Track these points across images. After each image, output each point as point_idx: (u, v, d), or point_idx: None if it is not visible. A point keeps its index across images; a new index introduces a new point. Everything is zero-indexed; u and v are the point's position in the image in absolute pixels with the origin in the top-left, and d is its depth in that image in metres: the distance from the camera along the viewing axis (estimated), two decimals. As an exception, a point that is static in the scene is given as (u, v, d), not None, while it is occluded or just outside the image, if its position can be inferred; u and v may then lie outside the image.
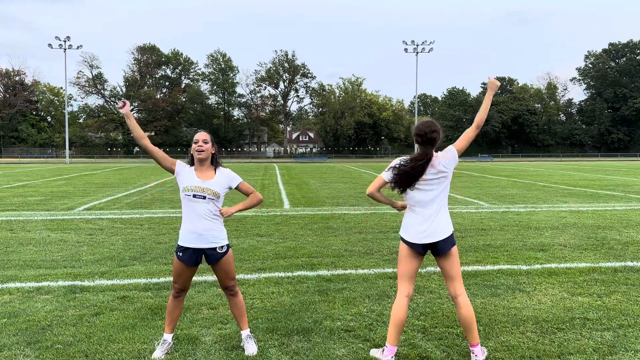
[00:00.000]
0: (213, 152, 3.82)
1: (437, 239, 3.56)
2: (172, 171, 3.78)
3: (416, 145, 3.64)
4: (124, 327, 4.34)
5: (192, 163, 3.84)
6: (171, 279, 5.83)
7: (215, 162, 3.84)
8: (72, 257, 7.04)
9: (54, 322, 4.47)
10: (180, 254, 3.74)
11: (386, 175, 3.69)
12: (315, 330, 4.28)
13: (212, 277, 5.79)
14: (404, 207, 3.81)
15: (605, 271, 6.19)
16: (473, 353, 3.58)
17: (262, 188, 19.14)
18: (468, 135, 3.68)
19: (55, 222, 10.28)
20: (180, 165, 3.82)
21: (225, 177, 3.81)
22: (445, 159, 3.59)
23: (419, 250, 3.61)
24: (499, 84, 3.87)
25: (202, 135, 3.78)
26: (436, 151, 3.60)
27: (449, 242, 3.58)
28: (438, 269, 6.10)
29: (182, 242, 3.76)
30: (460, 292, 3.61)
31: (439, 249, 3.59)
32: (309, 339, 4.11)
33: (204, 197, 3.69)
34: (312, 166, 46.79)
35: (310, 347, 3.93)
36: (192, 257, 3.74)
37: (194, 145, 3.76)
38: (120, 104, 3.76)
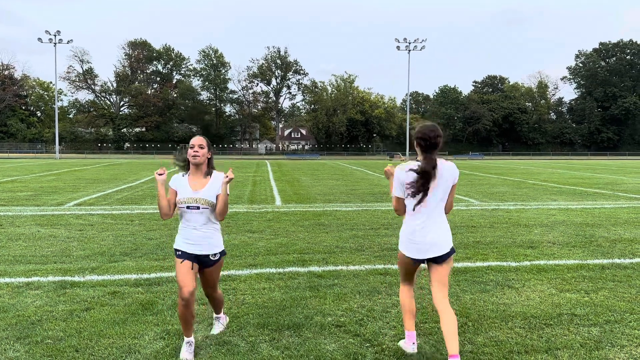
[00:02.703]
0: (209, 156, 3.80)
1: (438, 253, 3.53)
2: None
3: (418, 149, 3.55)
4: (114, 322, 4.33)
5: (187, 167, 3.81)
6: (162, 274, 5.85)
7: (210, 167, 3.83)
8: (62, 253, 7.01)
9: (44, 317, 4.46)
10: (179, 252, 3.77)
11: (397, 191, 3.61)
12: (306, 325, 4.30)
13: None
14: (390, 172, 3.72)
15: (593, 268, 6.27)
16: None
17: (253, 185, 19.13)
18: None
19: (45, 217, 10.22)
20: (175, 182, 3.78)
21: (217, 182, 3.77)
22: (451, 174, 3.53)
23: (419, 261, 3.63)
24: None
25: (197, 140, 3.76)
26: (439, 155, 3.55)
27: (450, 252, 3.57)
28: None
29: (178, 246, 3.78)
30: (445, 300, 3.53)
31: (438, 260, 3.56)
32: (299, 334, 4.13)
33: (198, 208, 3.69)
34: (304, 163, 46.80)
35: (301, 342, 3.95)
36: (190, 257, 3.74)
37: (189, 150, 3.74)
38: (161, 170, 3.75)
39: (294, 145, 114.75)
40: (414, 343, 3.74)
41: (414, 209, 3.54)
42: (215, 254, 3.78)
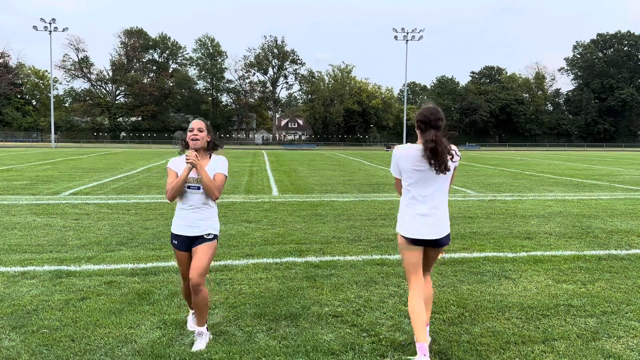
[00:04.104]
0: (208, 139, 3.76)
1: (436, 236, 3.48)
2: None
3: (418, 132, 3.48)
4: (110, 311, 4.32)
5: (188, 148, 3.77)
6: (159, 264, 5.83)
7: (211, 149, 3.79)
8: (58, 242, 6.97)
9: (40, 306, 4.44)
10: (175, 242, 3.75)
11: (395, 171, 3.58)
12: (303, 315, 4.30)
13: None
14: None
15: (589, 259, 6.28)
16: (420, 350, 3.31)
17: (250, 175, 19.09)
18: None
19: (40, 206, 10.17)
20: (174, 164, 3.74)
21: (217, 164, 3.75)
22: (455, 158, 3.49)
23: (420, 244, 3.55)
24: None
25: (197, 124, 3.72)
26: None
27: (447, 238, 3.55)
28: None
29: (174, 230, 3.75)
30: (427, 274, 3.72)
31: (436, 244, 3.52)
32: (296, 324, 4.12)
33: (199, 188, 3.67)
34: (300, 153, 46.73)
35: (298, 332, 3.94)
36: (184, 244, 3.73)
37: (189, 134, 3.70)
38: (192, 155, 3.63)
39: (291, 136, 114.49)
40: (425, 355, 3.30)
41: (416, 188, 3.49)
42: (209, 234, 3.74)
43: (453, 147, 3.50)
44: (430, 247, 3.57)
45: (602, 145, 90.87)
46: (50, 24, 58.86)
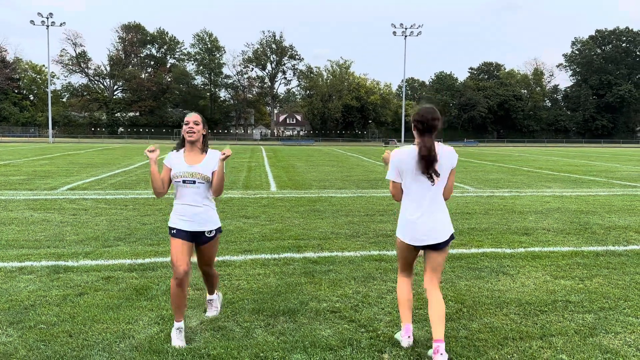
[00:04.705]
0: (204, 133, 3.77)
1: (438, 240, 3.48)
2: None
3: (415, 132, 3.48)
4: (108, 307, 4.31)
5: (182, 145, 3.79)
6: (157, 259, 5.82)
7: (205, 144, 3.80)
8: (55, 237, 6.96)
9: (37, 302, 4.43)
10: (174, 231, 3.75)
11: (392, 174, 3.56)
12: (301, 311, 4.30)
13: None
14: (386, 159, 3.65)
15: (587, 255, 6.29)
16: (437, 351, 3.34)
17: (248, 170, 19.07)
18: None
19: (38, 201, 10.14)
20: (169, 160, 3.75)
21: (214, 158, 3.75)
22: (449, 159, 3.48)
23: (419, 249, 3.58)
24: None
25: (193, 117, 3.73)
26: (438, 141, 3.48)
27: (449, 240, 3.53)
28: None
29: (172, 224, 3.75)
30: (436, 285, 3.57)
31: (438, 247, 3.52)
32: (294, 319, 4.12)
33: (194, 182, 3.66)
34: (299, 149, 46.69)
35: (296, 328, 3.94)
36: (184, 234, 3.72)
37: (184, 127, 3.71)
38: (152, 148, 3.74)
39: (289, 131, 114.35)
40: (409, 337, 3.61)
41: (415, 193, 3.48)
42: (210, 231, 3.76)
43: (448, 148, 3.50)
44: (430, 250, 3.56)
45: (600, 142, 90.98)
46: (47, 18, 58.67)
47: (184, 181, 3.66)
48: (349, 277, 5.27)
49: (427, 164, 3.40)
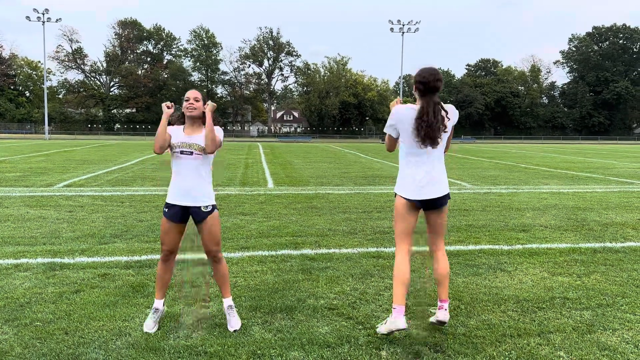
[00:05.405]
0: (204, 109, 3.79)
1: (437, 194, 3.52)
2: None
3: (416, 93, 3.55)
4: (104, 304, 4.29)
5: (183, 121, 3.84)
6: (153, 256, 5.79)
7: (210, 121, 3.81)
8: (51, 234, 6.92)
9: (33, 299, 4.40)
10: (167, 210, 3.78)
11: (389, 129, 3.65)
12: (298, 308, 4.28)
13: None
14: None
15: (584, 252, 6.29)
16: (441, 308, 3.65)
17: (245, 167, 19.03)
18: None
19: (34, 198, 10.10)
20: (170, 129, 3.81)
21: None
22: (452, 116, 3.58)
23: (418, 205, 3.59)
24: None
25: (193, 93, 3.78)
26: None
27: (447, 196, 3.60)
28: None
29: (169, 199, 3.80)
30: (441, 248, 3.71)
31: (437, 204, 3.56)
32: (292, 316, 4.10)
33: (191, 153, 3.71)
34: (296, 146, 46.65)
35: (294, 325, 3.93)
36: (178, 214, 3.77)
37: (185, 103, 3.76)
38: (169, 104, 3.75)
39: (286, 128, 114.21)
40: (401, 316, 3.51)
41: (418, 149, 3.53)
42: (207, 206, 3.77)
43: (449, 108, 3.55)
44: (430, 209, 3.59)
45: (596, 139, 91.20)
46: (43, 14, 58.31)
47: (181, 152, 3.71)
48: (347, 274, 5.26)
49: (427, 131, 3.44)
